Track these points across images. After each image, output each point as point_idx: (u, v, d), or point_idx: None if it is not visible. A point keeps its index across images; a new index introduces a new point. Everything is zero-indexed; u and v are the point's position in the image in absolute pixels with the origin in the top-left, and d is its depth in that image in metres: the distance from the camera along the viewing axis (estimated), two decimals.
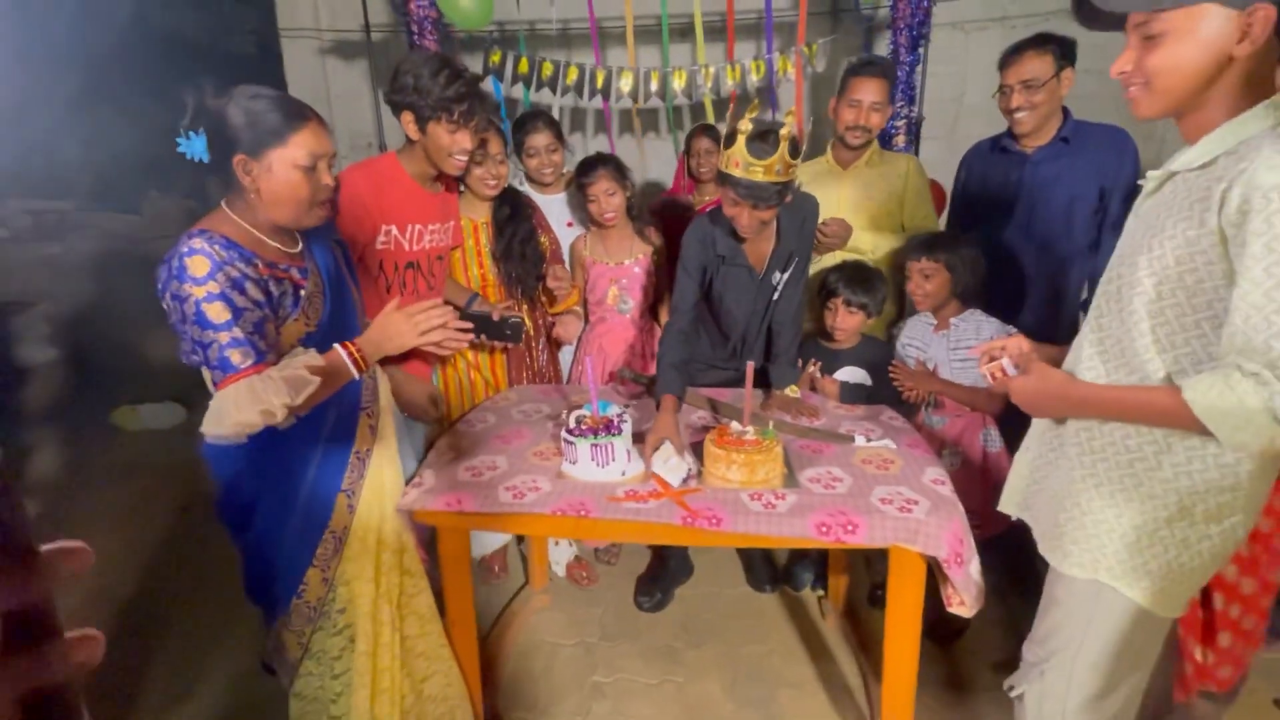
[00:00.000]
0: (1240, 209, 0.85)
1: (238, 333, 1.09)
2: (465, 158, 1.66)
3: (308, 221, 1.21)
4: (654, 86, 2.79)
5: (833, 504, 1.32)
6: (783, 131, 1.47)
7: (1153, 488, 1.00)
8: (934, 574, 1.35)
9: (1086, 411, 1.06)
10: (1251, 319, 0.84)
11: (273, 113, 1.13)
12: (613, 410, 1.51)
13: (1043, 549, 1.16)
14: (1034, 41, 1.84)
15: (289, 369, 1.13)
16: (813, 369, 1.93)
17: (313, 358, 1.17)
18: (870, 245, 2.10)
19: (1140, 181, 1.04)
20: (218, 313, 1.08)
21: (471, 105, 1.58)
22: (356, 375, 1.25)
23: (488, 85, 2.84)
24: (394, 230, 1.67)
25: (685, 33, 2.91)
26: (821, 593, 2.18)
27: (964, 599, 1.30)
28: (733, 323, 1.89)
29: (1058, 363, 1.15)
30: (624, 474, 1.45)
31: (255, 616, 1.37)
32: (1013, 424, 1.55)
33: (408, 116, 1.61)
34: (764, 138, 1.49)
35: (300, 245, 1.27)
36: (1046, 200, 1.94)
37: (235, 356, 1.08)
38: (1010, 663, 1.27)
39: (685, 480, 1.43)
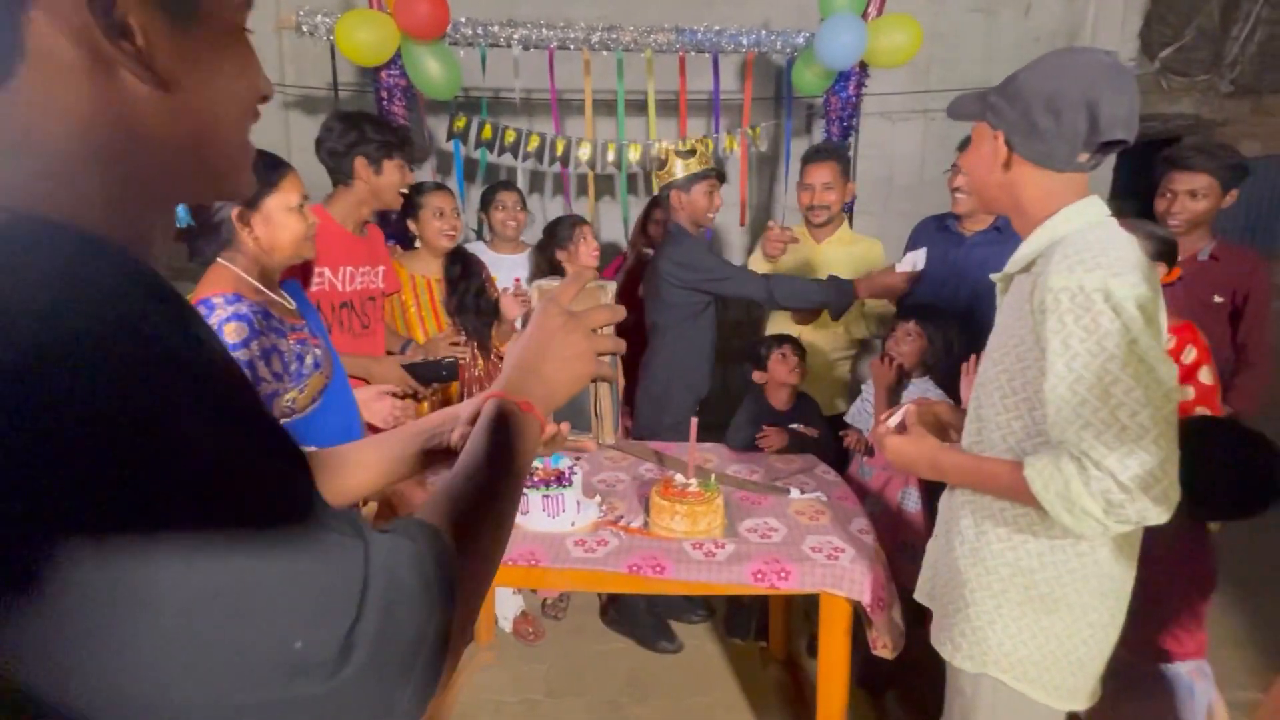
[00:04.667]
0: (1039, 308, 0.93)
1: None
2: (406, 190, 1.93)
3: (305, 253, 1.31)
4: (610, 157, 2.99)
5: (768, 552, 1.41)
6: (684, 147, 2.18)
7: (1027, 578, 1.02)
8: (863, 625, 1.44)
9: (944, 476, 1.11)
10: (1061, 411, 0.90)
11: (259, 164, 1.21)
12: (563, 463, 1.58)
13: (934, 639, 1.16)
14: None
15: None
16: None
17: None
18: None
19: (993, 277, 1.11)
20: None
21: (413, 146, 1.92)
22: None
23: (449, 147, 2.98)
24: (326, 272, 1.78)
25: (641, 107, 3.13)
26: (763, 644, 2.25)
27: (886, 641, 1.40)
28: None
29: (957, 425, 1.21)
30: (574, 524, 1.51)
31: None
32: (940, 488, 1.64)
33: (361, 161, 1.80)
34: (683, 155, 2.18)
35: (294, 303, 1.34)
36: (974, 282, 2.05)
37: None
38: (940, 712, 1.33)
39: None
